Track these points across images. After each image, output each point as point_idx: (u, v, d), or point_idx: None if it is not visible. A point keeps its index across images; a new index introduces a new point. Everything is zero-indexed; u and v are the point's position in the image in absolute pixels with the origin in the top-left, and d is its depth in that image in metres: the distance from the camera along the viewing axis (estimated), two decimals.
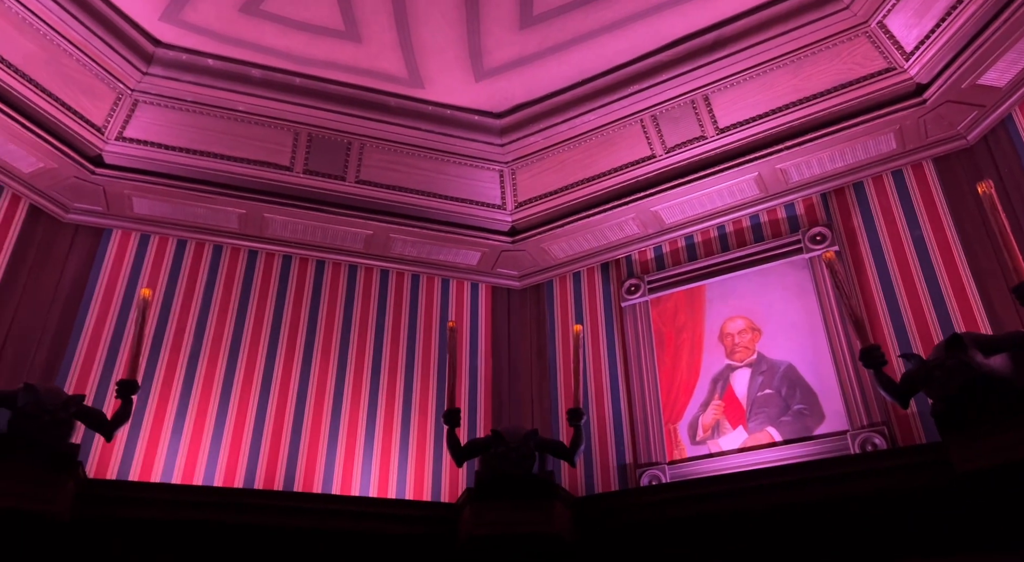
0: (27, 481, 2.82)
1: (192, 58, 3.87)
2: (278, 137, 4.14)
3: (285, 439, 3.89)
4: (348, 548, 3.36)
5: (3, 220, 3.77)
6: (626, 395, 4.07)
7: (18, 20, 3.43)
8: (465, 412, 4.20)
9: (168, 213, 4.13)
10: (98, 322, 3.88)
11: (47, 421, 2.89)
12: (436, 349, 4.41)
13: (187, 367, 3.92)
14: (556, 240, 4.44)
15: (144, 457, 3.62)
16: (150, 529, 3.16)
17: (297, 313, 4.26)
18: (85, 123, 3.78)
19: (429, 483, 3.98)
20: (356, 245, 4.43)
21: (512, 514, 3.27)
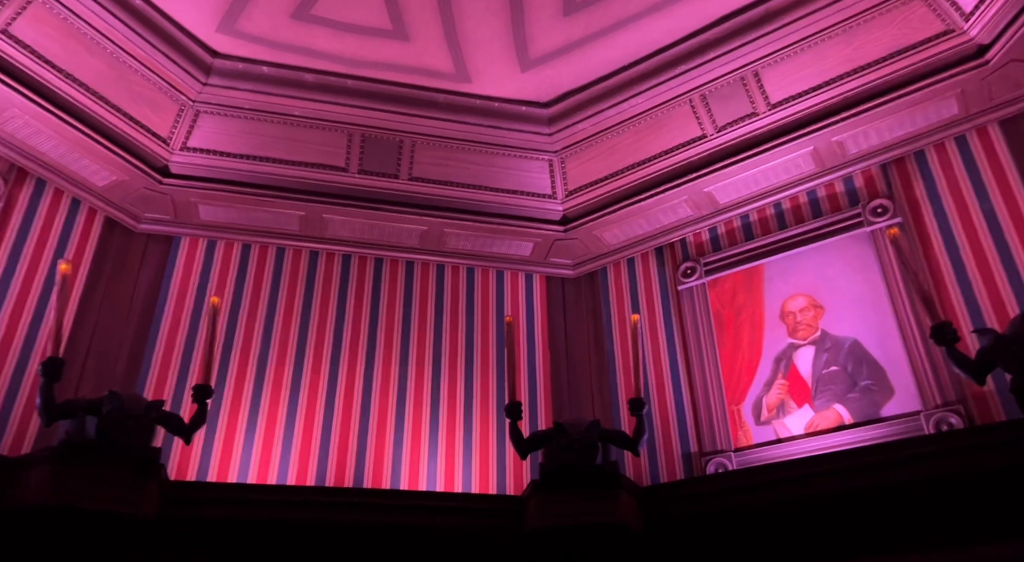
0: (116, 484, 2.94)
1: (248, 67, 4.00)
2: (333, 139, 4.25)
3: (353, 436, 3.98)
4: (417, 542, 3.42)
5: (82, 233, 3.97)
6: (687, 380, 4.04)
7: (88, 41, 3.62)
8: (526, 405, 4.23)
9: (233, 218, 4.28)
10: (171, 329, 4.04)
11: (131, 426, 3.00)
12: (494, 342, 4.45)
13: (257, 369, 4.04)
14: (608, 227, 4.43)
15: (220, 458, 3.75)
16: (229, 528, 3.27)
17: (359, 311, 4.36)
18: (152, 135, 3.96)
19: (494, 476, 4.02)
20: (412, 241, 4.51)
21: (577, 505, 3.27)
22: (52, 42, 3.53)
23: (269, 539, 3.29)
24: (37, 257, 3.73)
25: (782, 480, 3.21)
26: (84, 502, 2.85)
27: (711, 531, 3.34)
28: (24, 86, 3.48)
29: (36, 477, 2.88)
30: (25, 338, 3.55)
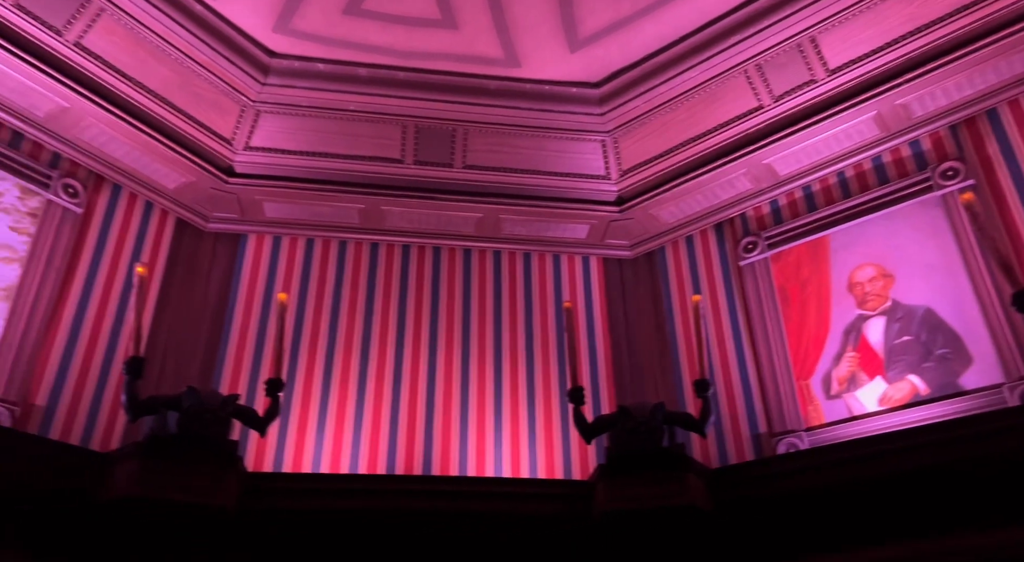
0: (198, 476, 3.06)
1: (304, 65, 4.11)
2: (388, 132, 4.33)
3: (419, 425, 4.04)
4: (486, 527, 3.46)
5: (155, 234, 4.15)
6: (752, 358, 3.98)
7: (153, 48, 3.78)
8: (588, 390, 4.23)
9: (296, 214, 4.41)
10: (242, 326, 4.16)
11: (209, 420, 3.12)
12: (553, 326, 4.45)
13: (325, 362, 4.14)
14: (665, 205, 4.39)
15: (294, 450, 3.85)
16: (305, 516, 3.36)
17: (419, 300, 4.43)
18: (217, 137, 4.11)
19: (560, 461, 4.02)
20: (468, 229, 4.56)
21: (645, 488, 3.27)
22: (121, 52, 3.70)
23: (342, 526, 3.39)
24: (116, 260, 3.92)
25: (855, 458, 3.14)
26: (169, 493, 3.00)
27: (783, 513, 3.29)
28: (98, 96, 3.66)
29: (124, 471, 3.04)
30: (109, 339, 3.74)
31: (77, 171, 3.86)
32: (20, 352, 3.37)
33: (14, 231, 3.54)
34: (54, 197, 3.71)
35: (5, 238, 3.50)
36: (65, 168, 3.81)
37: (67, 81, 3.55)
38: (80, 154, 3.84)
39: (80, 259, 3.76)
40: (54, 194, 3.71)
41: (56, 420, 3.42)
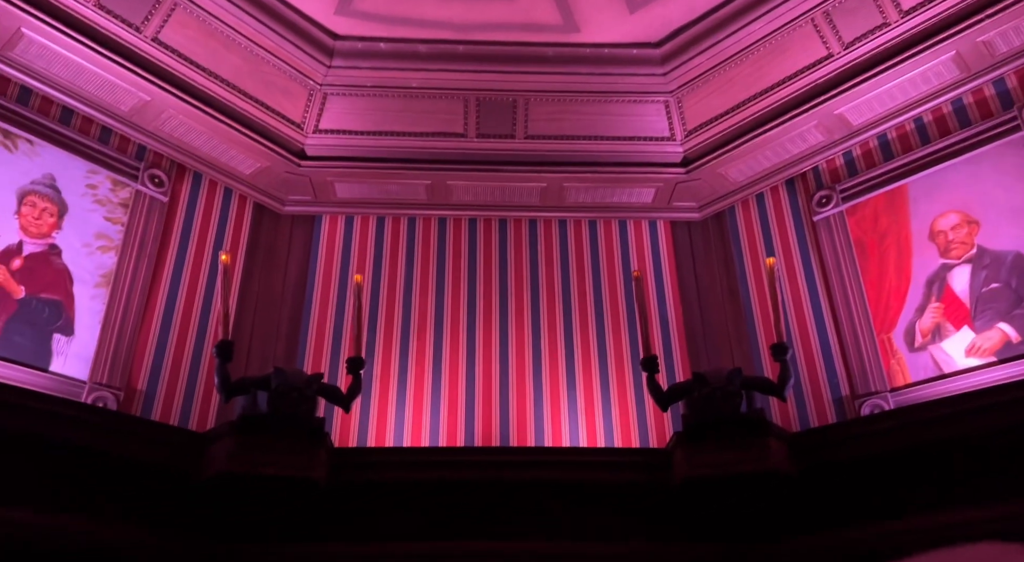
0: (289, 452, 3.21)
1: (367, 45, 4.20)
2: (450, 107, 4.38)
3: (495, 398, 4.08)
4: (564, 496, 3.49)
5: (236, 220, 4.33)
6: (831, 316, 3.88)
7: (224, 38, 3.93)
8: (661, 358, 4.15)
9: (366, 193, 4.52)
10: (321, 306, 4.28)
11: (296, 398, 3.25)
12: (622, 293, 4.42)
13: (401, 338, 4.22)
14: (733, 163, 4.31)
15: (377, 425, 3.96)
16: (390, 488, 3.47)
17: (488, 273, 4.47)
18: (288, 121, 4.25)
19: (636, 430, 4.01)
20: (532, 199, 4.58)
21: (724, 454, 3.24)
22: (195, 44, 3.86)
23: (425, 497, 3.49)
24: (201, 245, 4.11)
25: (944, 417, 3.05)
26: (263, 469, 3.15)
27: (869, 476, 3.22)
28: (176, 88, 3.83)
29: (221, 449, 3.21)
30: (199, 323, 3.93)
31: (161, 162, 4.06)
32: (120, 339, 3.59)
33: (108, 221, 3.76)
34: (142, 187, 3.92)
35: (102, 228, 3.73)
36: (150, 159, 4.01)
37: (147, 75, 3.73)
38: (162, 145, 4.03)
39: (169, 246, 3.97)
40: (141, 184, 3.92)
41: (156, 403, 3.63)
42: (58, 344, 3.42)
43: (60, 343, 3.42)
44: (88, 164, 3.75)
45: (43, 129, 3.62)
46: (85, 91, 3.71)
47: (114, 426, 3.18)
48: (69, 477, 3.01)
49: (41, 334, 3.38)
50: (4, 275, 3.34)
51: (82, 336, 3.49)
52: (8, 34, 3.41)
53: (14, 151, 3.52)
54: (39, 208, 3.54)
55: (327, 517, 3.41)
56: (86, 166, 3.74)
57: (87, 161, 3.75)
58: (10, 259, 3.38)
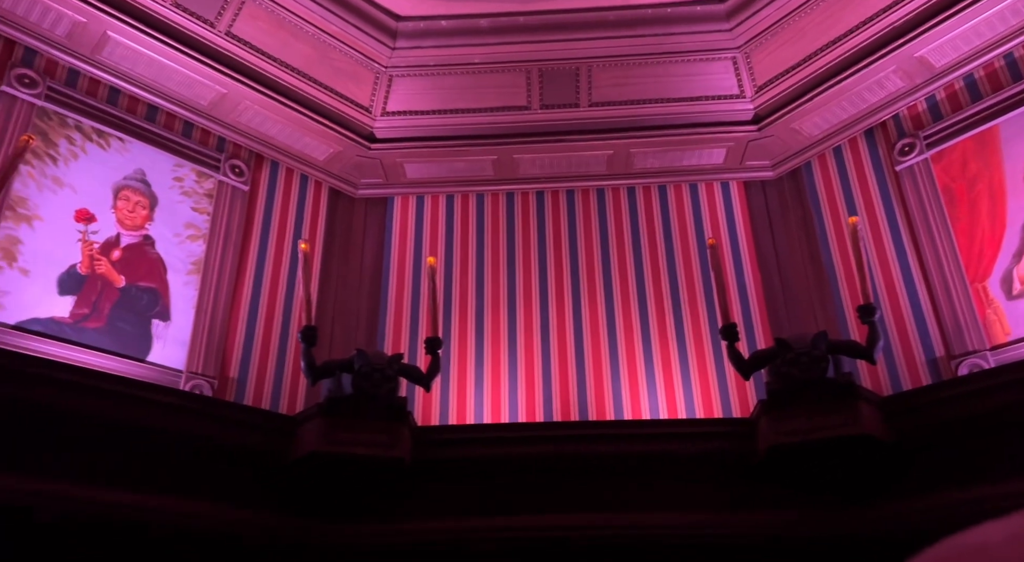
0: (374, 431, 3.29)
1: (428, 24, 4.24)
2: (513, 80, 4.38)
3: (571, 372, 4.05)
4: (647, 469, 3.46)
5: (313, 205, 4.46)
6: (919, 270, 3.69)
7: (293, 27, 4.04)
8: (741, 326, 3.99)
9: (435, 172, 4.58)
10: (398, 287, 4.36)
11: (378, 379, 3.34)
12: (696, 259, 4.31)
13: (475, 316, 4.24)
14: (807, 116, 4.15)
15: (457, 403, 4.01)
16: (473, 464, 3.51)
17: (558, 245, 4.44)
18: (356, 106, 4.34)
19: (718, 400, 3.92)
20: (599, 167, 4.54)
21: (811, 420, 3.14)
22: (265, 35, 3.98)
23: (506, 472, 3.50)
24: (282, 232, 4.25)
25: None
26: (350, 448, 3.25)
27: (969, 437, 3.06)
28: (250, 79, 3.97)
29: (310, 430, 3.31)
30: (283, 310, 4.05)
31: (240, 152, 4.21)
32: (213, 323, 3.75)
33: (195, 211, 3.94)
34: (223, 177, 4.08)
35: (190, 218, 3.90)
36: (230, 150, 4.17)
37: (223, 69, 3.87)
38: (240, 136, 4.18)
39: (252, 233, 4.12)
40: (223, 175, 4.08)
41: (248, 389, 3.77)
42: (157, 328, 3.61)
43: (159, 328, 3.62)
44: (174, 158, 3.93)
45: (132, 127, 3.82)
46: (167, 88, 3.89)
47: (211, 411, 3.33)
48: (171, 461, 3.16)
49: (141, 319, 3.58)
50: (106, 266, 3.55)
51: (178, 320, 3.68)
52: (96, 38, 3.61)
53: (107, 149, 3.72)
54: (132, 202, 3.74)
55: (412, 494, 3.47)
56: (172, 160, 3.93)
57: (173, 155, 3.93)
58: (110, 250, 3.58)
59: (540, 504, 3.43)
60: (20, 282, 3.26)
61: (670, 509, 3.37)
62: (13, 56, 3.50)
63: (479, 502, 3.45)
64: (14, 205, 3.33)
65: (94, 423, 2.98)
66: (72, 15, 3.51)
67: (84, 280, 3.45)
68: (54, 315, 3.31)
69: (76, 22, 3.54)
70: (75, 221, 3.51)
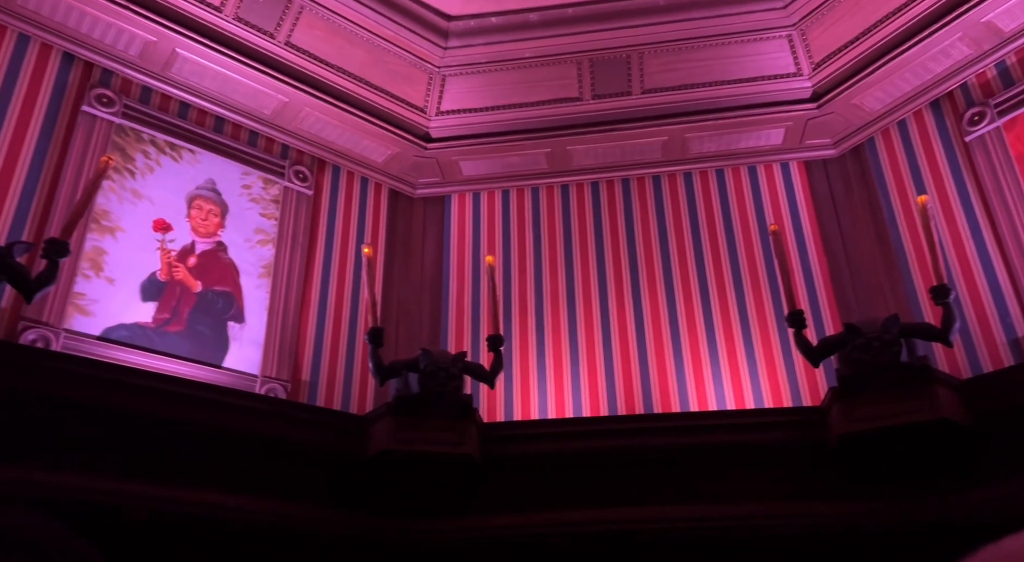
0: (442, 429, 3.34)
1: (479, 22, 4.28)
2: (564, 72, 4.39)
3: (634, 365, 4.01)
4: (715, 461, 3.41)
5: (374, 207, 4.55)
6: (995, 245, 3.51)
7: (348, 33, 4.14)
8: (808, 312, 3.85)
9: (489, 168, 4.60)
10: (458, 286, 4.39)
11: (443, 377, 3.38)
12: (758, 243, 4.21)
13: (535, 312, 4.24)
14: (868, 91, 4.02)
15: (521, 399, 4.01)
16: (539, 459, 3.52)
17: (615, 236, 4.40)
18: (412, 107, 4.42)
19: (786, 389, 3.81)
20: (654, 155, 4.49)
21: (886, 406, 3.04)
22: (322, 43, 4.09)
23: (572, 467, 3.50)
24: (346, 234, 4.35)
25: None
26: (419, 446, 3.30)
27: None
28: (310, 86, 4.08)
29: (380, 429, 3.38)
30: (350, 313, 4.13)
31: (303, 158, 4.34)
32: (284, 330, 3.85)
33: (263, 217, 4.07)
34: (288, 183, 4.21)
35: (259, 223, 4.04)
36: (293, 157, 4.30)
37: (284, 78, 4.00)
38: (302, 142, 4.31)
39: (317, 235, 4.23)
40: (288, 181, 4.21)
41: (319, 391, 3.85)
42: (232, 330, 3.75)
43: (234, 329, 3.76)
44: (241, 166, 4.08)
45: (201, 138, 3.98)
46: (232, 100, 4.04)
47: (286, 413, 3.42)
48: (249, 462, 3.25)
49: (218, 322, 3.72)
50: (183, 272, 3.71)
51: (252, 322, 3.81)
52: (166, 56, 3.77)
53: (180, 161, 3.89)
54: (205, 210, 3.89)
55: (482, 490, 3.50)
56: (240, 168, 4.07)
57: (240, 164, 4.08)
58: (186, 257, 3.74)
59: (608, 498, 3.41)
60: (107, 290, 3.44)
61: (740, 500, 3.31)
62: (92, 78, 3.69)
63: (548, 497, 3.45)
64: (98, 218, 3.52)
65: (178, 427, 3.11)
66: (144, 35, 3.68)
67: (164, 286, 3.62)
68: (138, 320, 3.48)
69: (147, 41, 3.71)
70: (153, 231, 3.68)
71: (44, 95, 3.52)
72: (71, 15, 3.55)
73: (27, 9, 3.48)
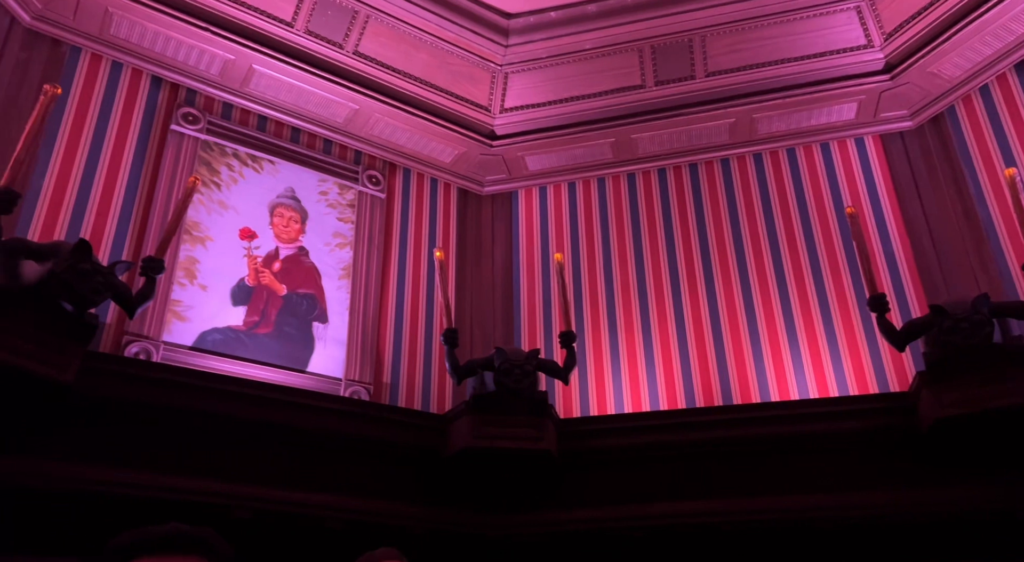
0: (518, 425, 3.36)
1: (538, 17, 4.28)
2: (626, 61, 4.34)
3: (710, 355, 3.93)
4: (800, 450, 3.32)
5: (444, 207, 4.62)
6: None
7: (412, 38, 4.22)
8: (891, 294, 3.73)
9: (555, 162, 4.61)
10: (528, 282, 4.40)
11: (518, 374, 3.40)
12: (835, 223, 4.04)
13: (607, 305, 4.20)
14: (945, 58, 3.82)
15: (596, 394, 3.98)
16: (616, 454, 3.51)
17: (685, 223, 4.33)
18: (476, 107, 4.47)
19: (871, 375, 3.66)
20: (721, 138, 4.40)
21: (981, 389, 2.90)
22: (388, 49, 4.19)
23: (649, 460, 3.47)
24: (418, 234, 4.43)
25: None
26: (498, 442, 3.33)
27: None
28: (378, 93, 4.19)
29: (460, 427, 3.43)
30: (425, 314, 4.20)
31: (375, 163, 4.45)
32: (365, 330, 3.95)
33: (341, 221, 4.20)
34: (362, 188, 4.32)
35: (337, 227, 4.17)
36: (366, 162, 4.41)
37: (354, 86, 4.11)
38: (373, 147, 4.42)
39: (392, 236, 4.33)
40: (362, 186, 4.33)
41: (400, 392, 3.93)
42: (317, 330, 3.89)
43: (319, 329, 3.89)
44: (318, 174, 4.22)
45: (280, 149, 4.13)
46: (306, 110, 4.18)
47: (373, 414, 3.51)
48: (340, 461, 3.34)
49: (303, 323, 3.87)
50: (269, 277, 3.87)
51: (334, 322, 3.94)
52: (244, 72, 3.94)
53: (261, 172, 4.05)
54: (286, 217, 4.05)
55: (562, 485, 3.50)
56: (317, 176, 4.21)
57: (317, 171, 4.22)
58: (271, 263, 3.90)
59: (689, 490, 3.37)
60: (200, 297, 3.62)
61: (827, 491, 3.20)
62: (178, 97, 3.89)
63: (627, 490, 3.44)
64: (190, 229, 3.71)
65: (273, 430, 3.22)
66: (223, 54, 3.86)
67: (252, 291, 3.78)
68: (230, 324, 3.65)
69: (227, 60, 3.88)
70: (240, 239, 3.85)
71: (137, 117, 3.74)
72: (157, 40, 3.76)
73: (118, 38, 3.70)
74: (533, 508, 3.47)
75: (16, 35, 3.46)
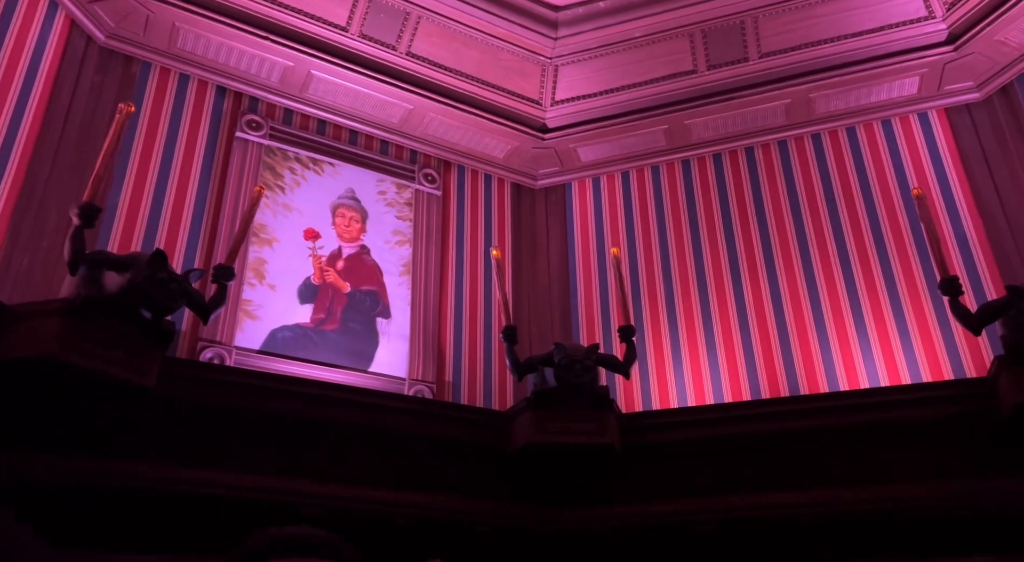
0: (581, 420, 3.33)
1: (586, 8, 4.22)
2: (676, 46, 4.25)
3: (774, 344, 3.80)
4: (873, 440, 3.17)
5: (498, 202, 4.60)
6: None
7: (463, 36, 4.22)
8: (964, 277, 3.53)
9: (608, 152, 4.54)
10: (585, 276, 4.34)
11: (578, 370, 3.36)
12: (900, 203, 3.83)
13: (665, 297, 4.11)
14: (1013, 23, 3.59)
15: (658, 388, 3.91)
16: (679, 448, 3.42)
17: (743, 209, 4.19)
18: (527, 101, 4.45)
19: (945, 361, 3.48)
20: (778, 119, 4.26)
21: None
22: (440, 48, 4.20)
23: (720, 453, 3.36)
24: (474, 229, 4.44)
25: None
26: (561, 437, 3.30)
27: None
28: (432, 92, 4.21)
29: (522, 423, 3.41)
30: (484, 311, 4.19)
31: (430, 161, 4.48)
32: (426, 328, 3.98)
33: (399, 219, 4.25)
34: (419, 186, 4.36)
35: (396, 225, 4.22)
36: (421, 161, 4.45)
37: (408, 87, 4.14)
38: (428, 146, 4.44)
39: (449, 232, 4.35)
40: (419, 184, 4.36)
41: (462, 389, 3.94)
42: (381, 325, 3.94)
43: (383, 324, 3.95)
44: (376, 174, 4.27)
45: (339, 151, 4.20)
46: (363, 112, 4.23)
47: (439, 413, 3.51)
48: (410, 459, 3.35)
49: (367, 319, 3.93)
50: (333, 275, 3.94)
51: (397, 317, 3.99)
52: (302, 78, 4.02)
53: (322, 174, 4.13)
54: (347, 217, 4.11)
55: (626, 479, 3.45)
56: (375, 176, 4.27)
57: (374, 172, 4.27)
58: (335, 261, 3.98)
59: (758, 483, 3.24)
60: (269, 296, 3.72)
61: (902, 481, 3.05)
62: (242, 105, 3.99)
63: (695, 483, 3.34)
64: (257, 231, 3.80)
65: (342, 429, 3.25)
66: (282, 62, 3.93)
67: (317, 289, 3.86)
68: (298, 321, 3.73)
69: (286, 67, 3.96)
70: (304, 239, 3.93)
71: (204, 127, 3.86)
72: (221, 51, 3.86)
73: (185, 50, 3.82)
74: (595, 502, 3.43)
75: (92, 55, 3.59)
